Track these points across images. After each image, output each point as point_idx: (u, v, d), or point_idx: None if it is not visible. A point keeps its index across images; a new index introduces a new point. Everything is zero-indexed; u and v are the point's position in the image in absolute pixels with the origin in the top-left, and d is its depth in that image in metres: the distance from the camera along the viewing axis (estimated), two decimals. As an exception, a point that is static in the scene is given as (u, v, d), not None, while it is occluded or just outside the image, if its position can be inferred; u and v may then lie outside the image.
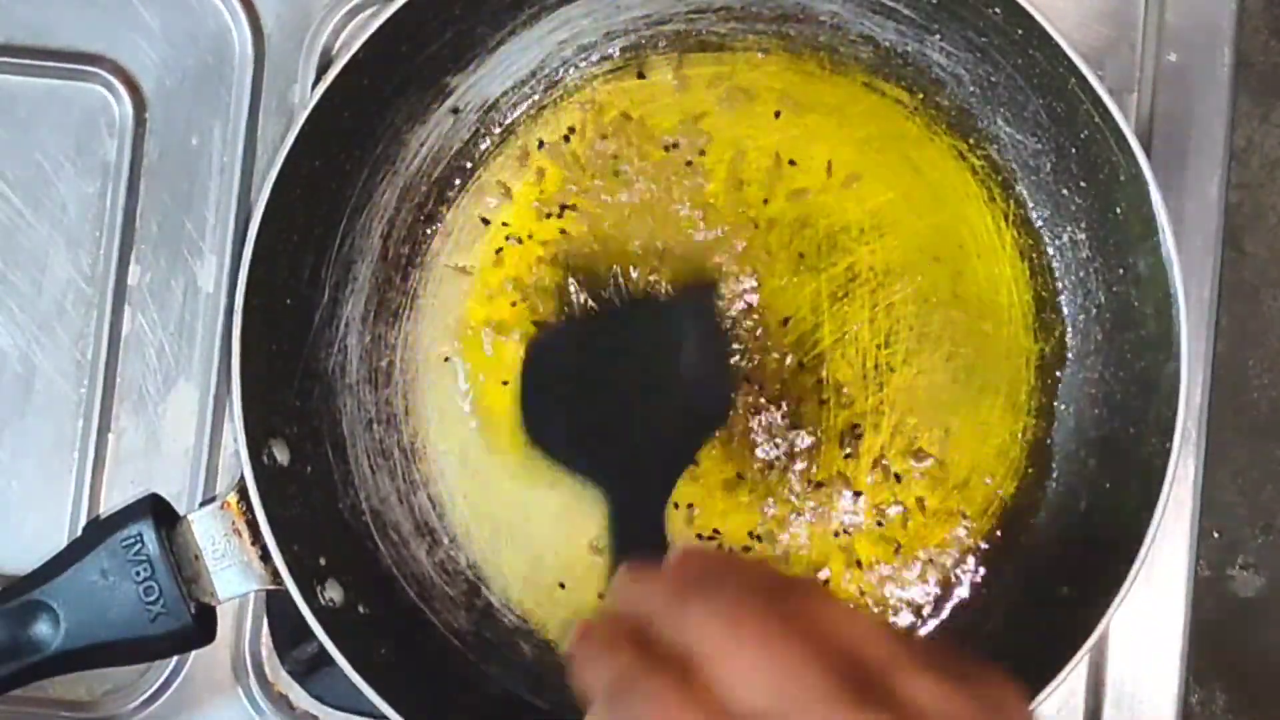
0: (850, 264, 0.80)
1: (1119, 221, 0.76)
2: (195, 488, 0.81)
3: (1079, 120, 0.75)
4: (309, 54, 0.83)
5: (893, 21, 0.79)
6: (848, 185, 0.80)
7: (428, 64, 0.80)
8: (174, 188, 0.83)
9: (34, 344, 0.82)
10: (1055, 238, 0.80)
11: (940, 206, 0.80)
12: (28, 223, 0.83)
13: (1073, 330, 0.79)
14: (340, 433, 0.80)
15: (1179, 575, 0.79)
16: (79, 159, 0.83)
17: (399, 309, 0.82)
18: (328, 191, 0.79)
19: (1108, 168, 0.75)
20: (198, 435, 0.81)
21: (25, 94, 0.84)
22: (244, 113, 0.83)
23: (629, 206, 0.81)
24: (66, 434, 0.82)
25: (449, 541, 0.81)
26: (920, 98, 0.81)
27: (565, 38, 0.82)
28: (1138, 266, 0.75)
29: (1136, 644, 0.79)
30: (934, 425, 0.80)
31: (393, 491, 0.81)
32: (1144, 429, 0.74)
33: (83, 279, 0.83)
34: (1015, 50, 0.76)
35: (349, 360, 0.81)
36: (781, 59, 0.81)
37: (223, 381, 0.80)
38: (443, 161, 0.82)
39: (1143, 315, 0.75)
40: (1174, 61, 0.81)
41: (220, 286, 0.81)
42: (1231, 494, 0.84)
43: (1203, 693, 0.83)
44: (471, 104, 0.82)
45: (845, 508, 0.79)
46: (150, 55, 0.84)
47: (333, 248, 0.80)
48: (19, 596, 0.74)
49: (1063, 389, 0.79)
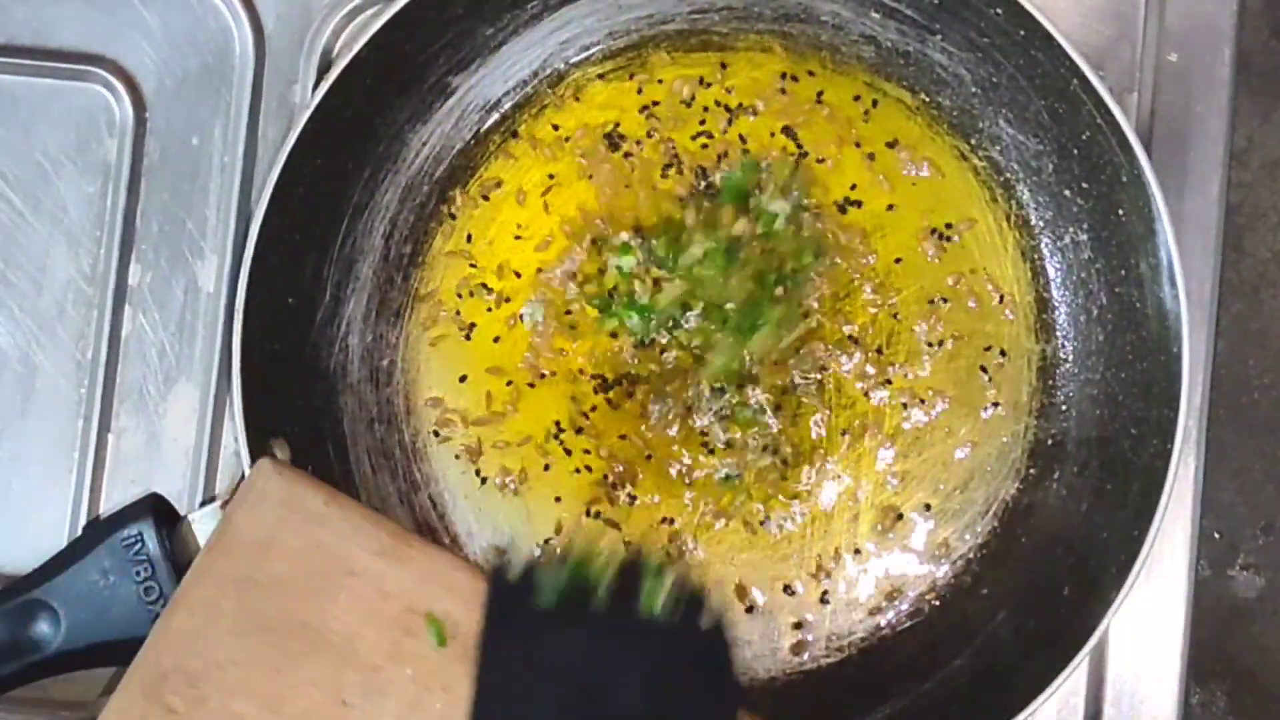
0: (850, 264, 0.80)
1: (1120, 223, 0.76)
2: (195, 488, 0.81)
3: (1080, 121, 0.75)
4: (309, 54, 0.83)
5: (894, 21, 0.79)
6: (850, 185, 0.81)
7: (429, 63, 0.80)
8: (174, 188, 0.83)
9: (34, 344, 0.82)
10: (1057, 239, 0.80)
11: (942, 207, 0.80)
12: (28, 223, 0.83)
13: (1074, 331, 0.80)
14: (341, 432, 0.80)
15: (1179, 575, 0.79)
16: (79, 159, 0.83)
17: (400, 308, 0.82)
18: (329, 191, 0.79)
19: (1109, 169, 0.75)
20: (198, 435, 0.81)
21: (25, 94, 0.84)
22: (244, 113, 0.82)
23: (627, 196, 0.81)
24: (66, 434, 0.82)
25: (449, 541, 0.81)
26: (922, 98, 0.81)
27: (567, 37, 0.82)
28: (1139, 267, 0.75)
29: (1136, 644, 0.79)
30: (935, 426, 0.80)
31: (394, 491, 0.81)
32: (1145, 430, 0.74)
33: (83, 279, 0.82)
34: (1017, 50, 0.76)
35: (350, 359, 0.81)
36: (783, 59, 0.81)
37: (223, 381, 0.80)
38: (444, 161, 0.82)
39: (1144, 316, 0.75)
40: (1174, 61, 0.81)
41: (221, 286, 0.81)
42: (1231, 494, 0.84)
43: (1203, 693, 0.83)
44: (473, 103, 0.82)
45: (846, 507, 0.80)
46: (150, 55, 0.83)
47: (334, 247, 0.80)
48: (19, 596, 0.74)
49: (1064, 390, 0.79)
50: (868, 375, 0.80)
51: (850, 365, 0.80)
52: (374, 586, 0.70)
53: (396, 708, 0.68)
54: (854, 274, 0.80)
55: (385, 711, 0.68)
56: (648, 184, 0.81)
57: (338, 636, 0.69)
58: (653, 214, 0.81)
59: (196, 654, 0.70)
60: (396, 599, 0.70)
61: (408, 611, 0.70)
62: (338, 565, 0.71)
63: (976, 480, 0.80)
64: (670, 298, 0.78)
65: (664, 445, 0.80)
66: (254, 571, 0.71)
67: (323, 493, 0.73)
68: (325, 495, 0.73)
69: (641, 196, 0.81)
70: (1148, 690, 0.79)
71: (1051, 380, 0.80)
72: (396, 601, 0.70)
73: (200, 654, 0.70)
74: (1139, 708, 0.79)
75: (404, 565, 0.71)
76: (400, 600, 0.70)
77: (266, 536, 0.71)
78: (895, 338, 0.80)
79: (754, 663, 0.79)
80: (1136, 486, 0.74)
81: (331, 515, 0.72)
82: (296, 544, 0.71)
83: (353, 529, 0.72)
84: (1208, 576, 0.83)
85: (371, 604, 0.70)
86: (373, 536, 0.72)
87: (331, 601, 0.70)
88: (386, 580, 0.70)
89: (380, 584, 0.70)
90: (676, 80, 0.82)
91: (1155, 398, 0.74)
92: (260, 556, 0.71)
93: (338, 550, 0.71)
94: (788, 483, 0.79)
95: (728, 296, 0.78)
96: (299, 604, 0.70)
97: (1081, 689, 0.79)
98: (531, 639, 0.63)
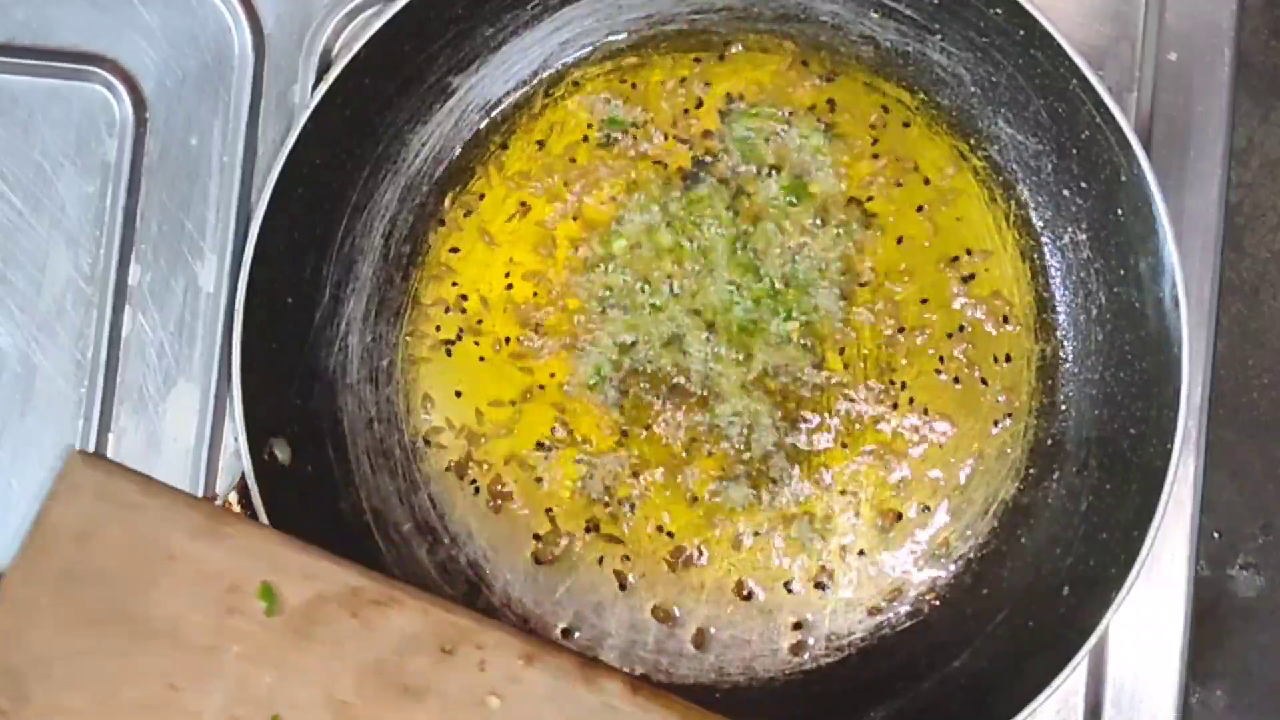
0: (852, 264, 0.80)
1: (1120, 222, 0.76)
2: (195, 488, 0.81)
3: (1080, 120, 0.75)
4: (309, 54, 0.83)
5: (894, 21, 0.79)
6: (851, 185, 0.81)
7: (429, 63, 0.80)
8: (174, 188, 0.83)
9: (34, 344, 0.82)
10: (1056, 239, 0.80)
11: (942, 208, 0.80)
12: (28, 223, 0.83)
13: (1074, 331, 0.80)
14: (341, 432, 0.80)
15: (1179, 575, 0.79)
16: (79, 159, 0.83)
17: (400, 308, 0.82)
18: (329, 191, 0.79)
19: (1109, 168, 0.75)
20: (198, 435, 0.81)
21: (25, 94, 0.84)
22: (244, 113, 0.82)
23: (624, 196, 0.81)
24: (66, 434, 0.82)
25: (449, 541, 0.81)
26: (922, 98, 0.81)
27: (568, 37, 0.82)
28: (1138, 267, 0.75)
29: (1136, 644, 0.79)
30: (936, 426, 0.80)
31: (393, 491, 0.81)
32: (1145, 430, 0.74)
33: (83, 279, 0.82)
34: (1016, 50, 0.76)
35: (350, 359, 0.81)
36: (783, 58, 0.81)
37: (223, 381, 0.80)
38: (444, 161, 0.82)
39: (1143, 316, 0.75)
40: (1174, 61, 0.81)
41: (221, 286, 0.81)
42: (1231, 494, 0.84)
43: (1203, 693, 0.83)
44: (473, 103, 0.82)
45: (847, 507, 0.80)
46: (150, 55, 0.83)
47: (334, 247, 0.80)
48: (19, 596, 0.74)
49: (1064, 389, 0.79)
50: (867, 374, 0.80)
51: (849, 364, 0.80)
52: (194, 568, 0.70)
53: (226, 686, 0.69)
54: (853, 274, 0.80)
55: (214, 691, 0.69)
56: (646, 184, 0.81)
57: (163, 622, 0.69)
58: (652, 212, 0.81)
59: (18, 653, 0.70)
60: (218, 579, 0.70)
61: (230, 590, 0.70)
62: (157, 551, 0.71)
63: (976, 480, 0.80)
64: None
65: (664, 455, 0.80)
66: (73, 565, 0.71)
67: (136, 481, 0.73)
68: (139, 483, 0.73)
69: (641, 195, 0.81)
70: (1148, 690, 0.79)
71: (1051, 380, 0.80)
72: (218, 582, 0.70)
73: (22, 652, 0.70)
74: (1139, 707, 0.79)
75: (223, 545, 0.71)
76: (222, 580, 0.70)
77: (82, 529, 0.71)
78: (895, 337, 0.80)
79: (754, 663, 0.79)
80: (1136, 486, 0.74)
81: (147, 502, 0.72)
82: (114, 534, 0.71)
83: (169, 514, 0.72)
84: (1208, 576, 0.83)
85: (194, 586, 0.70)
86: (189, 519, 0.72)
87: (153, 588, 0.70)
88: (207, 561, 0.70)
89: (201, 565, 0.70)
90: (677, 79, 0.82)
91: (1155, 398, 0.74)
92: (78, 550, 0.71)
93: (155, 536, 0.71)
94: (789, 487, 0.79)
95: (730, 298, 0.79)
96: (121, 593, 0.70)
97: (1081, 689, 0.79)
98: None
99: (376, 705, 0.67)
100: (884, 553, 0.79)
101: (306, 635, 0.69)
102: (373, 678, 0.68)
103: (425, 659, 0.68)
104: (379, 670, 0.68)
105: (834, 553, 0.79)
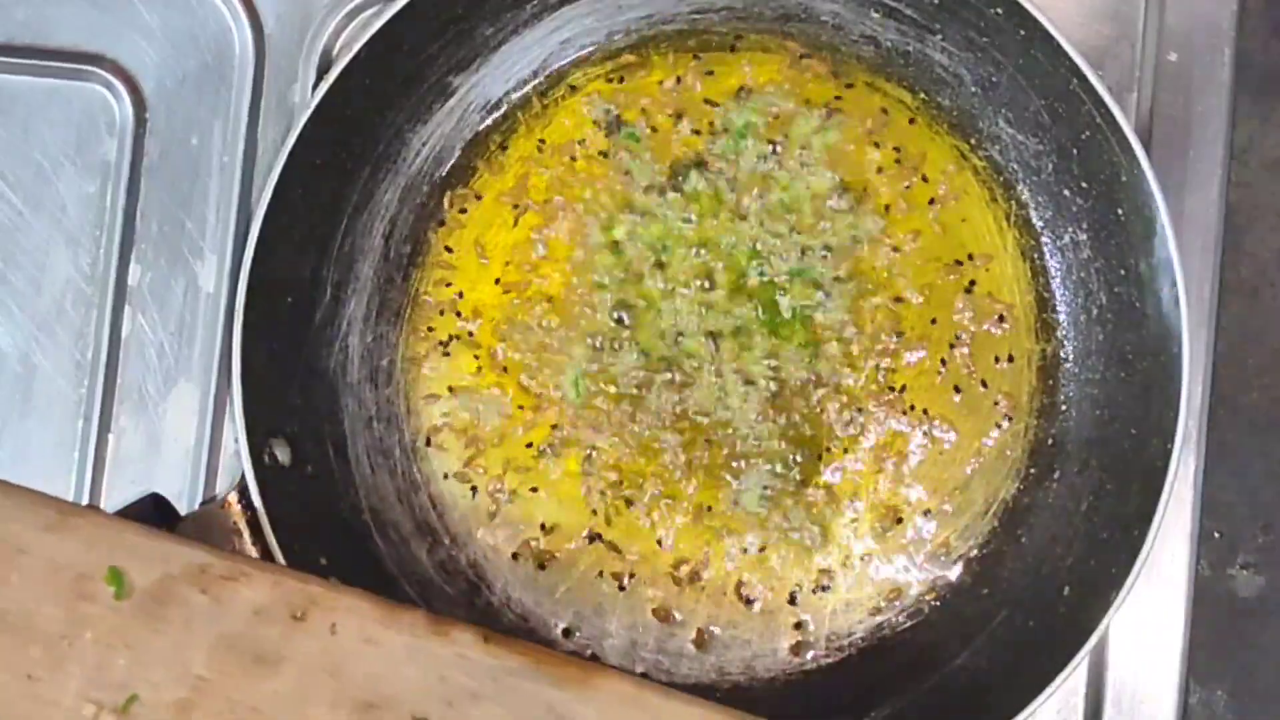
0: (853, 264, 0.80)
1: (1120, 222, 0.76)
2: (195, 488, 0.81)
3: (1080, 120, 0.75)
4: (309, 54, 0.83)
5: (894, 21, 0.79)
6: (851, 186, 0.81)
7: (429, 63, 0.80)
8: (174, 188, 0.83)
9: (34, 344, 0.82)
10: (1057, 239, 0.80)
11: (942, 208, 0.80)
12: (28, 223, 0.83)
13: (1074, 331, 0.80)
14: (341, 432, 0.80)
15: (1179, 575, 0.79)
16: (79, 159, 0.83)
17: (400, 308, 0.82)
18: (329, 191, 0.79)
19: (1109, 168, 0.75)
20: (198, 435, 0.81)
21: (25, 94, 0.84)
22: (244, 113, 0.83)
23: (624, 196, 0.81)
24: (66, 434, 0.82)
25: (449, 541, 0.81)
26: (922, 98, 0.81)
27: (568, 37, 0.82)
28: (1139, 267, 0.75)
29: (1136, 644, 0.79)
30: (936, 426, 0.80)
31: (393, 491, 0.81)
32: (1145, 430, 0.74)
33: (83, 279, 0.82)
34: (1016, 50, 0.76)
35: (350, 359, 0.81)
36: (784, 58, 0.82)
37: (223, 381, 0.80)
38: (445, 161, 0.82)
39: (1143, 316, 0.75)
40: (1174, 61, 0.81)
41: (221, 286, 0.81)
42: (1231, 494, 0.84)
43: (1203, 693, 0.83)
44: (473, 103, 0.82)
45: (847, 508, 0.80)
46: (150, 55, 0.84)
47: (334, 247, 0.80)
48: (18, 596, 0.74)
49: (1064, 390, 0.79)
50: (867, 374, 0.80)
51: (850, 364, 0.80)
52: (45, 560, 0.70)
53: (83, 671, 0.69)
54: (854, 274, 0.80)
55: (71, 677, 0.69)
56: (646, 183, 0.81)
57: (15, 616, 0.69)
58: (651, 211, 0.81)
59: None
60: (68, 569, 0.70)
61: (81, 578, 0.70)
62: (6, 546, 0.71)
63: (976, 480, 0.80)
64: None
65: (663, 459, 0.80)
66: None
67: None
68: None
69: (640, 195, 0.81)
70: (1148, 690, 0.79)
71: (1051, 380, 0.80)
72: (68, 571, 0.70)
73: None
74: (1139, 708, 0.79)
75: (73, 535, 0.71)
76: (72, 569, 0.70)
77: None
78: (895, 337, 0.80)
79: (754, 663, 0.79)
80: (1136, 486, 0.74)
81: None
82: None
83: (18, 509, 0.71)
84: (1208, 576, 0.83)
85: (45, 578, 0.70)
86: (40, 514, 0.71)
87: (3, 583, 0.70)
88: (57, 553, 0.70)
89: (51, 557, 0.70)
90: (677, 79, 0.82)
91: (1155, 398, 0.74)
92: None
93: (5, 532, 0.71)
94: (790, 489, 0.79)
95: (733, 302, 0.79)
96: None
97: (1081, 689, 0.79)
98: None
99: (231, 676, 0.68)
100: (884, 553, 0.79)
101: (157, 616, 0.69)
102: (225, 650, 0.69)
103: (277, 628, 0.69)
104: (231, 643, 0.69)
105: (834, 554, 0.79)
